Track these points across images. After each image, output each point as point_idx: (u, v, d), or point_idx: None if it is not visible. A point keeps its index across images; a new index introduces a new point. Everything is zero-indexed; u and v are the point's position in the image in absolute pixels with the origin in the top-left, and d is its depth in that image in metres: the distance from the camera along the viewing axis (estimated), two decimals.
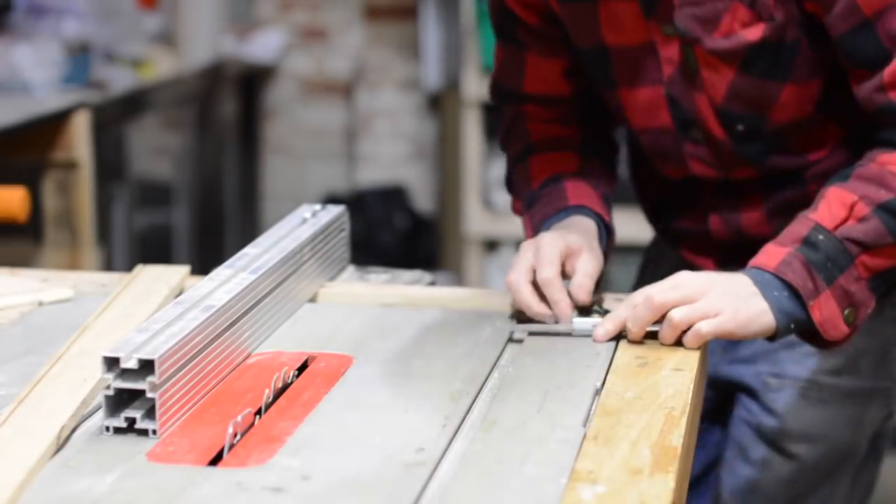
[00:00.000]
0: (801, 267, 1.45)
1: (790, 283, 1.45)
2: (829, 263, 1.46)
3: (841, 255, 1.46)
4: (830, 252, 1.46)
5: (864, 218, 1.47)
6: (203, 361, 1.31)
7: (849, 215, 1.47)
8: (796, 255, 1.46)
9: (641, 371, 1.38)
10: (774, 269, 1.46)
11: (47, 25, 3.53)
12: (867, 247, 1.47)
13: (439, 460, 1.17)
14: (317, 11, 5.04)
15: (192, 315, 1.32)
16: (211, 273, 1.46)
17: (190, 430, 1.23)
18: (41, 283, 1.70)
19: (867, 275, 1.48)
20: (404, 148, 5.02)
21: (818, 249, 1.46)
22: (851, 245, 1.47)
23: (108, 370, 1.22)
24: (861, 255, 1.47)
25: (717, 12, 1.52)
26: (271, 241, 1.57)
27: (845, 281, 1.47)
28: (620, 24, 1.59)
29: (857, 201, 1.47)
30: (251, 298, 1.44)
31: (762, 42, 1.53)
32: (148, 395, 1.21)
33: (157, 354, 1.22)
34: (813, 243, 1.46)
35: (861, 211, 1.47)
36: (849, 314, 1.48)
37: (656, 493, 1.10)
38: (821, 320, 1.46)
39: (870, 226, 1.47)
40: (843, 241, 1.46)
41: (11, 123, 3.01)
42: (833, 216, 1.48)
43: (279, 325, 1.52)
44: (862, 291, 1.48)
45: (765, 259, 1.47)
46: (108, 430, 1.22)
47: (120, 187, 3.63)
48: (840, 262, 1.46)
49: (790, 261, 1.46)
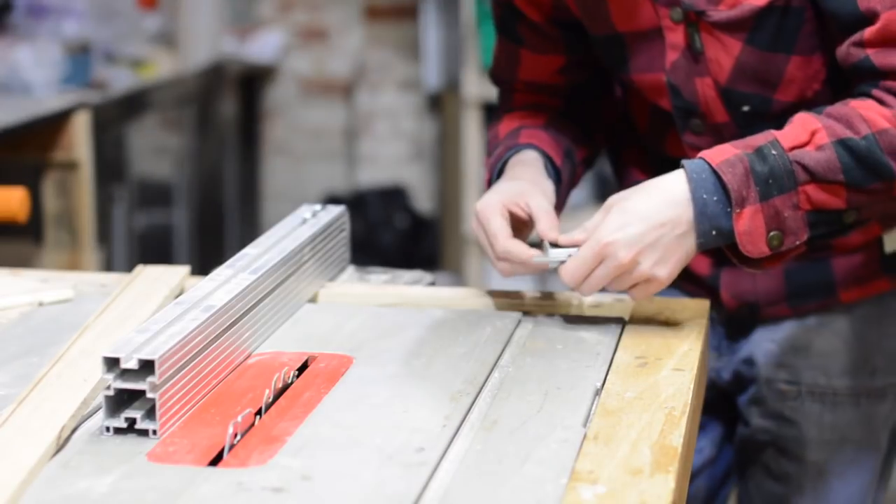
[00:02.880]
0: (742, 172, 1.44)
1: (725, 185, 1.44)
2: (771, 180, 1.44)
3: (787, 175, 1.44)
4: (777, 169, 1.44)
5: (821, 147, 1.45)
6: (203, 362, 1.31)
7: (808, 141, 1.46)
8: (742, 159, 1.45)
9: (641, 371, 1.38)
10: (717, 165, 1.45)
11: (47, 25, 3.53)
12: (816, 177, 1.45)
13: (439, 460, 1.17)
14: (317, 11, 5.04)
15: (192, 315, 1.32)
16: (211, 273, 1.46)
17: (190, 431, 1.23)
18: (41, 283, 1.70)
19: (808, 206, 1.46)
20: (404, 148, 5.02)
21: (766, 162, 1.45)
22: (801, 170, 1.45)
23: (108, 370, 1.22)
24: (807, 185, 1.45)
25: None
26: (271, 242, 1.57)
27: (781, 203, 1.45)
28: (630, 11, 1.60)
29: (819, 129, 1.46)
30: (251, 299, 1.44)
31: (770, 6, 1.53)
32: (148, 395, 1.21)
33: (158, 355, 1.22)
34: (764, 155, 1.45)
35: (821, 140, 1.45)
36: (774, 237, 1.45)
37: (656, 493, 1.10)
38: (742, 231, 1.45)
39: (824, 156, 1.45)
40: (794, 164, 1.45)
41: (11, 123, 3.01)
42: (793, 137, 1.46)
43: (279, 326, 1.52)
44: (796, 221, 1.46)
45: (713, 153, 1.46)
46: (108, 431, 1.22)
47: (120, 187, 3.63)
48: (782, 183, 1.44)
49: (735, 162, 1.45)
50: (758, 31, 1.55)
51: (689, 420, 1.28)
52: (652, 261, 1.45)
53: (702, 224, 1.45)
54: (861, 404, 1.73)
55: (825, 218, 1.47)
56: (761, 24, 1.54)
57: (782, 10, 1.53)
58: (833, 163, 1.45)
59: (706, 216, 1.45)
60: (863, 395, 1.73)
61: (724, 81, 1.59)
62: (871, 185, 1.46)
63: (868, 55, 1.48)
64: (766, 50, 1.56)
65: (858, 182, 1.45)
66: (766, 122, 1.59)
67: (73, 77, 3.44)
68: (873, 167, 1.45)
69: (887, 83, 1.47)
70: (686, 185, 1.46)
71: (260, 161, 5.05)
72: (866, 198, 1.48)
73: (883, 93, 1.48)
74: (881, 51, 1.47)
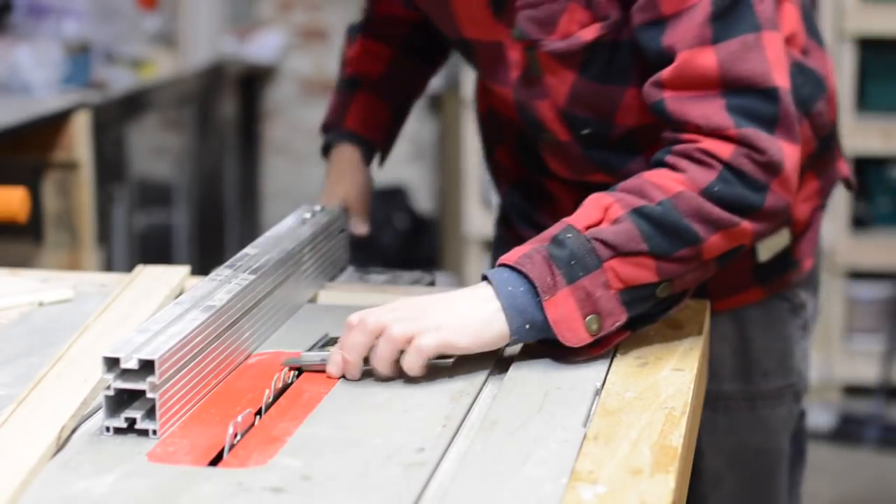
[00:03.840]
0: (541, 260, 1.36)
1: (527, 276, 1.36)
2: (574, 261, 1.36)
3: (588, 254, 1.36)
4: (577, 250, 1.36)
5: (617, 220, 1.37)
6: (203, 362, 1.31)
7: (603, 217, 1.38)
8: (538, 250, 1.37)
9: (641, 371, 1.38)
10: (514, 262, 1.37)
11: (47, 26, 3.53)
12: (618, 251, 1.37)
13: (439, 460, 1.17)
14: (317, 11, 5.04)
15: (192, 315, 1.32)
16: (211, 273, 1.46)
17: (190, 431, 1.23)
18: (41, 283, 1.70)
19: (620, 285, 1.37)
20: (404, 148, 5.02)
21: (564, 246, 1.36)
22: (601, 246, 1.36)
23: (108, 370, 1.22)
24: (611, 260, 1.36)
25: (554, 14, 1.50)
26: (271, 242, 1.57)
27: (590, 283, 1.36)
28: (475, 20, 1.58)
29: (612, 203, 1.39)
30: (251, 299, 1.44)
31: (597, 41, 1.50)
32: (148, 395, 1.21)
33: (158, 355, 1.22)
34: (560, 241, 1.37)
35: (615, 213, 1.38)
36: (591, 320, 1.36)
37: (656, 493, 1.10)
38: (555, 318, 1.35)
39: (622, 227, 1.37)
40: (592, 241, 1.36)
41: (11, 123, 3.01)
42: (586, 218, 1.39)
43: (279, 326, 1.52)
44: (610, 300, 1.36)
45: (508, 255, 1.39)
46: (108, 431, 1.22)
47: (120, 187, 3.63)
48: (586, 262, 1.36)
49: (532, 254, 1.37)
50: (590, 64, 1.52)
51: (689, 420, 1.28)
52: (431, 320, 1.33)
53: (513, 318, 1.35)
54: (757, 408, 1.72)
55: (639, 294, 1.38)
56: (592, 58, 1.52)
57: (611, 45, 1.50)
58: (632, 233, 1.37)
59: (516, 309, 1.35)
60: (758, 398, 1.72)
61: (562, 105, 1.57)
62: (678, 252, 1.38)
63: (664, 98, 1.42)
64: (600, 82, 1.54)
65: (664, 250, 1.37)
66: (610, 144, 1.58)
67: (73, 77, 3.44)
68: (675, 232, 1.37)
69: (679, 147, 1.41)
70: (488, 287, 1.37)
71: (260, 161, 5.04)
72: (678, 266, 1.39)
73: (675, 158, 1.41)
74: (676, 96, 1.41)
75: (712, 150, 1.39)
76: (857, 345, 4.18)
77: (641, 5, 1.43)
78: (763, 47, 1.41)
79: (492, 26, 1.57)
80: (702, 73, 1.40)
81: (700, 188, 1.38)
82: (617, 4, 1.48)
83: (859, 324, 4.18)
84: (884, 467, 3.72)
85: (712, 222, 1.38)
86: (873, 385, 4.03)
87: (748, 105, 1.40)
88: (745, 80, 1.40)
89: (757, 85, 1.40)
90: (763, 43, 1.41)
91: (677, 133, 1.42)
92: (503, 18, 1.55)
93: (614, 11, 1.48)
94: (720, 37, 1.40)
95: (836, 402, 4.10)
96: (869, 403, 3.98)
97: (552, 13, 1.50)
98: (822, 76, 1.64)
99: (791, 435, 1.76)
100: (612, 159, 1.62)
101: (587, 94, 1.55)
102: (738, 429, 1.71)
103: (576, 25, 1.50)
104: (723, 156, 1.39)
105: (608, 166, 1.63)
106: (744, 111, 1.40)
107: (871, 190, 4.17)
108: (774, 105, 1.41)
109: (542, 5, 1.50)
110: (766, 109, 1.40)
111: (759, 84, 1.40)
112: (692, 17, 1.40)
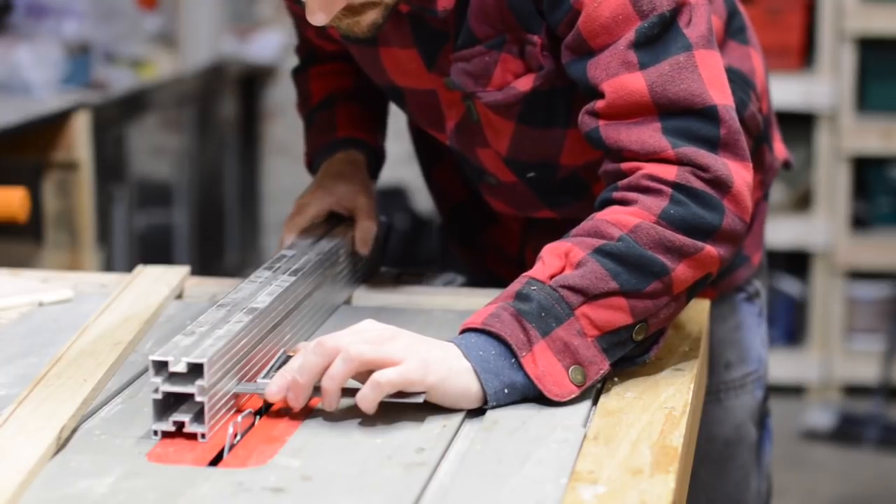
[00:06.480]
0: (510, 318, 1.29)
1: (498, 336, 1.29)
2: (544, 313, 1.29)
3: (557, 303, 1.30)
4: (544, 301, 1.30)
5: (580, 263, 1.32)
6: (248, 364, 1.31)
7: (564, 264, 1.33)
8: (505, 308, 1.30)
9: (641, 371, 1.38)
10: (482, 324, 1.29)
11: (47, 26, 3.52)
12: (588, 294, 1.30)
13: (439, 460, 1.17)
14: None
15: (236, 318, 1.32)
16: (251, 275, 1.45)
17: None
18: (41, 283, 1.70)
19: (595, 332, 1.31)
20: (404, 148, 5.01)
21: (530, 300, 1.30)
22: (569, 293, 1.30)
23: (156, 374, 1.21)
24: (582, 306, 1.30)
25: (487, 66, 1.48)
26: (308, 243, 1.58)
27: (565, 333, 1.29)
28: (406, 70, 1.57)
29: (570, 248, 1.33)
30: (293, 300, 1.43)
31: (534, 91, 1.48)
32: (197, 398, 1.20)
33: (207, 357, 1.21)
34: (525, 295, 1.31)
35: (577, 256, 1.32)
36: (575, 372, 1.29)
37: (656, 493, 1.10)
38: (537, 374, 1.28)
39: (587, 269, 1.31)
40: (559, 290, 1.30)
41: (11, 123, 3.01)
42: (547, 268, 1.33)
43: (318, 327, 1.51)
44: (588, 349, 1.30)
45: (472, 319, 1.31)
46: (155, 435, 1.21)
47: (120, 187, 3.63)
48: (556, 312, 1.30)
49: (499, 313, 1.30)
50: (528, 113, 1.51)
51: (689, 420, 1.28)
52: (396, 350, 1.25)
53: (489, 383, 1.27)
54: (722, 399, 1.73)
55: (616, 339, 1.32)
56: (531, 107, 1.50)
57: (549, 93, 1.49)
58: (598, 273, 1.31)
59: (491, 372, 1.27)
60: (722, 390, 1.73)
61: (505, 154, 1.56)
62: (648, 287, 1.32)
63: (598, 126, 1.39)
64: (540, 127, 1.52)
65: (634, 286, 1.32)
66: (556, 184, 1.57)
67: (73, 77, 3.44)
68: (640, 265, 1.32)
69: (623, 182, 1.37)
70: (457, 351, 1.28)
71: (260, 161, 5.04)
72: (650, 304, 1.33)
73: (623, 193, 1.36)
74: (611, 124, 1.38)
75: (657, 174, 1.35)
76: (857, 345, 4.18)
77: (569, 42, 1.40)
78: (696, 66, 1.37)
79: (424, 76, 1.55)
80: (633, 98, 1.36)
81: (655, 215, 1.34)
82: (549, 56, 1.45)
83: (859, 324, 4.19)
84: (884, 467, 3.72)
85: (675, 250, 1.33)
86: (873, 385, 4.03)
87: (686, 126, 1.36)
88: (680, 102, 1.36)
89: (693, 105, 1.36)
90: (696, 62, 1.37)
91: (617, 162, 1.39)
92: (437, 70, 1.53)
93: (547, 61, 1.46)
94: (647, 62, 1.36)
95: (836, 402, 4.11)
96: (869, 403, 3.98)
97: (485, 66, 1.48)
98: (745, 72, 1.63)
99: (757, 418, 1.78)
100: (559, 198, 1.61)
101: (529, 140, 1.54)
102: (706, 422, 1.71)
103: (510, 76, 1.48)
104: (668, 177, 1.35)
105: (555, 204, 1.62)
106: (682, 132, 1.36)
107: (871, 190, 4.17)
108: (715, 124, 1.37)
109: (475, 59, 1.48)
110: (706, 129, 1.36)
111: (696, 104, 1.36)
112: (616, 47, 1.37)
